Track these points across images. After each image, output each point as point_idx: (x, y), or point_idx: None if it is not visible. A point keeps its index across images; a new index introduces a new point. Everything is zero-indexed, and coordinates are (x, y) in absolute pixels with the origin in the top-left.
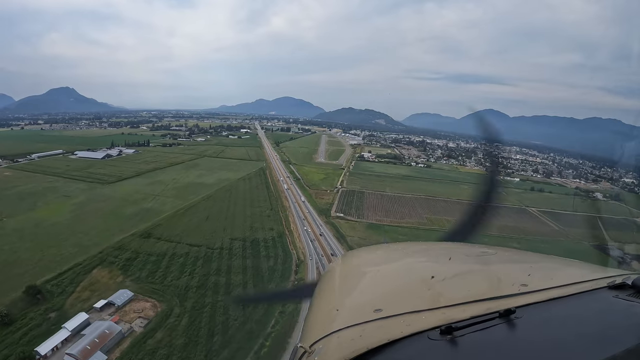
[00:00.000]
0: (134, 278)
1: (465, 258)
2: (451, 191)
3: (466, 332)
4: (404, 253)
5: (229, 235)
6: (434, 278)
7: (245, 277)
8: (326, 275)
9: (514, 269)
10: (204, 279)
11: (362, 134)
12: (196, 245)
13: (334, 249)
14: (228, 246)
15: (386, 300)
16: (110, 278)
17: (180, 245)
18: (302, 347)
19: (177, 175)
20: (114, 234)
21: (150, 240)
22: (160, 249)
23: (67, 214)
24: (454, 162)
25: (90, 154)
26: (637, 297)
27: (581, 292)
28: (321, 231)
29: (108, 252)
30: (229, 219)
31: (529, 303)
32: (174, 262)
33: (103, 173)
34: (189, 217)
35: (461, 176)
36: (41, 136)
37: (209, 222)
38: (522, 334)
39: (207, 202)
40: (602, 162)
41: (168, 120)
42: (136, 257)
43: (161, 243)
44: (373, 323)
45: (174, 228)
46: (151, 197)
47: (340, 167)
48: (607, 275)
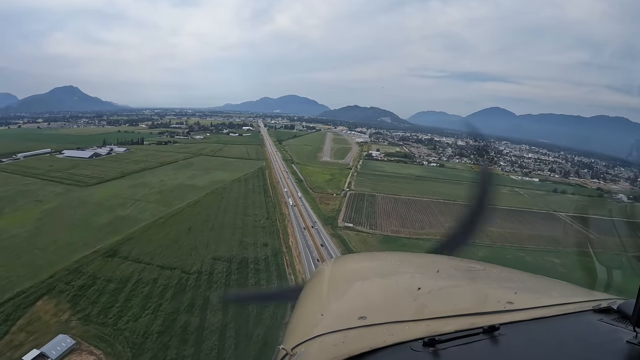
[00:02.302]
0: (83, 316)
1: (453, 272)
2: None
3: (449, 345)
4: (392, 262)
5: (212, 253)
6: (420, 290)
7: (225, 316)
8: (313, 279)
9: (501, 286)
10: (170, 319)
11: (369, 131)
12: (169, 268)
13: None
14: (209, 269)
15: (371, 308)
16: (55, 314)
17: (150, 268)
18: (284, 349)
19: (166, 176)
20: (75, 251)
21: (114, 260)
22: (124, 273)
23: (32, 224)
24: (467, 161)
25: (77, 153)
26: (621, 322)
27: (566, 313)
28: (325, 244)
29: (61, 276)
30: (215, 231)
31: (513, 321)
32: (136, 293)
33: (85, 174)
34: (169, 228)
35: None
36: (35, 134)
37: (190, 236)
38: (505, 352)
39: (193, 208)
40: (612, 160)
41: (169, 118)
42: (92, 285)
43: (127, 264)
44: (356, 330)
45: (147, 243)
46: (130, 202)
47: (347, 166)
48: (593, 298)
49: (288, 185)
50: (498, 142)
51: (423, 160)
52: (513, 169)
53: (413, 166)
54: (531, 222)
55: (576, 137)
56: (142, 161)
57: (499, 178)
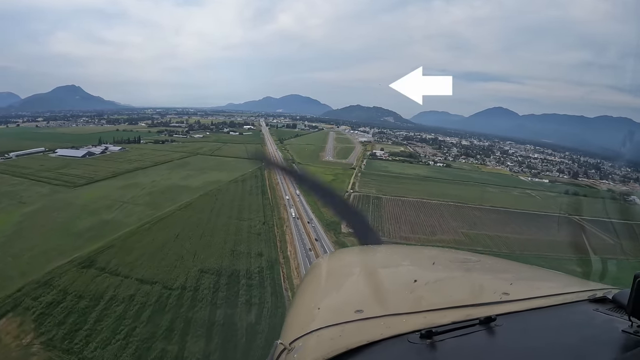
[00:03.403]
0: (47, 339)
1: (449, 264)
2: (480, 196)
3: (446, 337)
4: (388, 255)
5: (199, 263)
6: (417, 282)
7: (209, 344)
8: (309, 274)
9: (496, 277)
10: (144, 347)
11: (372, 131)
12: (149, 282)
13: None
14: (194, 284)
15: (367, 301)
16: (17, 336)
17: (127, 282)
18: (282, 344)
19: (159, 176)
20: (50, 260)
21: (90, 271)
22: (99, 287)
23: (10, 228)
24: (474, 161)
25: (70, 152)
26: (616, 311)
27: (562, 303)
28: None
29: (29, 289)
30: (206, 238)
31: (509, 312)
32: (109, 313)
33: (75, 174)
34: (154, 234)
35: (485, 177)
36: (32, 133)
37: (177, 243)
38: (501, 342)
39: (184, 211)
40: (617, 160)
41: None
42: (61, 301)
43: (102, 277)
44: (353, 323)
45: (129, 252)
46: (118, 204)
47: (350, 166)
48: (589, 288)
49: (288, 186)
50: (502, 142)
51: (429, 160)
52: (521, 169)
53: (419, 166)
54: (548, 227)
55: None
56: (136, 160)
57: (508, 179)
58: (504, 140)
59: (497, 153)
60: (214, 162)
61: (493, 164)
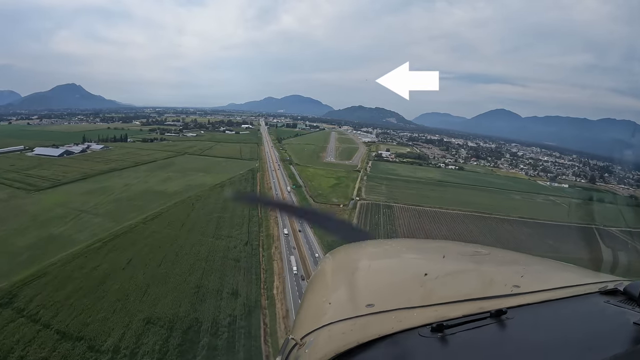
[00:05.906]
0: None
1: (459, 257)
2: (506, 204)
3: (457, 330)
4: (398, 249)
5: (147, 308)
6: (427, 275)
7: None
8: (320, 269)
9: (507, 270)
10: None
11: (375, 131)
12: (72, 338)
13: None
14: (132, 343)
15: (378, 295)
16: None
17: (45, 335)
18: (294, 339)
19: (135, 179)
20: None
21: (4, 313)
22: (6, 341)
23: None
24: (485, 164)
25: (48, 151)
26: (627, 303)
27: (573, 295)
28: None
29: None
30: (165, 266)
31: (520, 304)
32: None
33: (43, 176)
34: (102, 258)
35: (502, 181)
36: (20, 131)
37: (126, 273)
38: (512, 335)
39: (149, 225)
40: (623, 164)
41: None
42: None
43: (17, 324)
44: (364, 318)
45: (62, 285)
46: (74, 214)
47: (354, 168)
48: (599, 280)
49: (282, 191)
50: (508, 144)
51: (439, 162)
52: (537, 173)
53: (429, 169)
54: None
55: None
56: (115, 160)
57: (527, 184)
58: (509, 142)
59: (507, 155)
60: (201, 162)
61: (506, 166)
